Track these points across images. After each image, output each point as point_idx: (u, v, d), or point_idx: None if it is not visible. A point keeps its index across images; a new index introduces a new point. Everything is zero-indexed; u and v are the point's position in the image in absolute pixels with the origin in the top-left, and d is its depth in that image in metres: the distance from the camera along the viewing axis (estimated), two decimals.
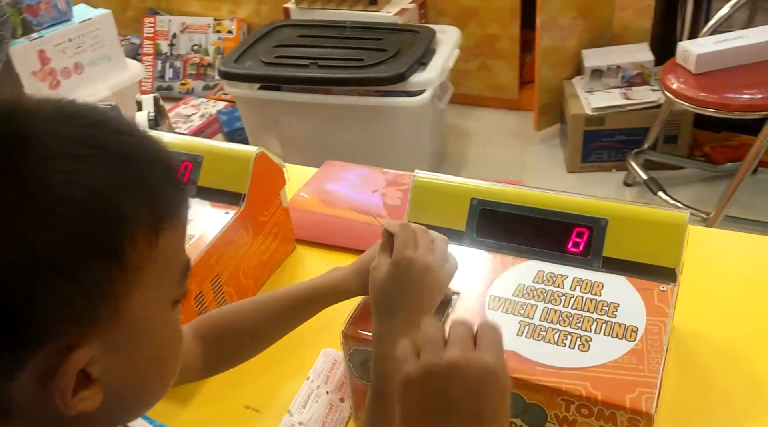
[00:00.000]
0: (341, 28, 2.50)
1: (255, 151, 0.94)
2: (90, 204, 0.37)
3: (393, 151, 2.36)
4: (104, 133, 0.40)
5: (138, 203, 0.40)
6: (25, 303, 0.36)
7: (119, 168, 0.39)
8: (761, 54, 2.05)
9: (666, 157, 2.47)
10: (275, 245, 1.03)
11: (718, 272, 0.95)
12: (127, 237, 0.39)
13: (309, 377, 0.87)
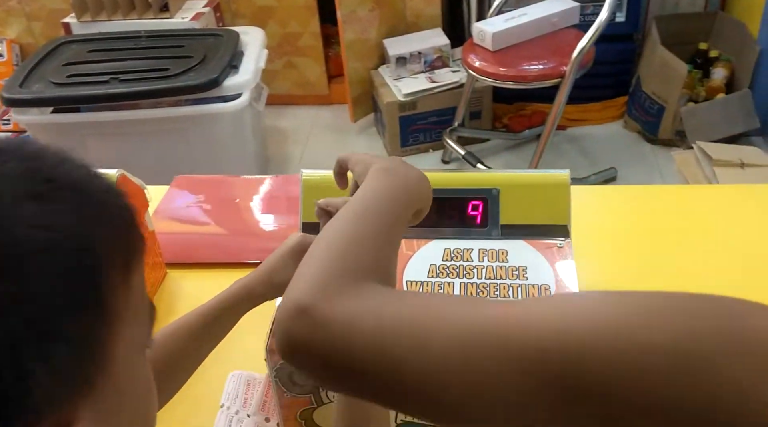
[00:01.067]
0: (136, 38, 2.34)
1: (115, 174, 0.85)
2: (65, 248, 0.31)
3: (216, 160, 2.27)
4: (48, 166, 0.34)
5: (109, 240, 0.34)
6: (15, 383, 0.29)
7: (80, 203, 0.33)
8: (544, 27, 2.27)
9: (474, 131, 2.65)
10: (146, 272, 0.94)
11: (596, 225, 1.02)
12: (105, 280, 0.33)
13: (223, 405, 0.81)
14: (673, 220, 1.03)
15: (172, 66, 2.16)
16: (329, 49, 2.90)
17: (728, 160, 1.58)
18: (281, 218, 1.11)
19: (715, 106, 2.42)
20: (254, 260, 1.02)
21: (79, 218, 0.33)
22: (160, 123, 2.17)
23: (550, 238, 0.79)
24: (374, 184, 0.55)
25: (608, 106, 2.76)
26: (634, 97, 2.65)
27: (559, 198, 0.79)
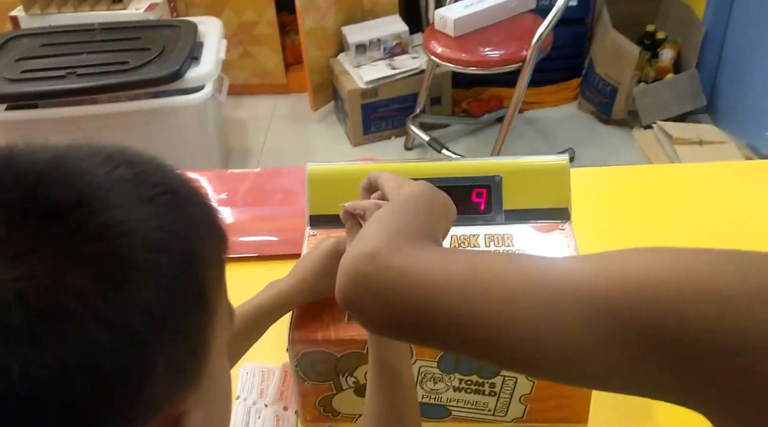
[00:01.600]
0: (90, 31, 2.28)
1: None
2: (178, 248, 0.33)
3: (178, 153, 2.22)
4: (151, 171, 0.35)
5: (207, 239, 0.36)
6: (141, 376, 0.31)
7: (182, 205, 0.35)
8: (503, 12, 2.31)
9: (435, 117, 2.69)
10: None
11: (597, 206, 1.05)
12: (208, 277, 0.35)
13: (239, 396, 0.82)
14: (659, 199, 1.08)
15: (130, 59, 2.11)
16: (286, 37, 2.88)
17: (687, 139, 1.66)
18: (271, 210, 1.12)
19: (665, 86, 2.52)
20: (251, 254, 1.03)
21: (185, 219, 0.35)
22: (121, 118, 2.13)
23: (552, 220, 0.82)
24: (408, 199, 0.59)
25: (562, 88, 2.84)
26: (587, 79, 2.73)
27: (559, 182, 0.82)
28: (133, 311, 0.30)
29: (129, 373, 0.30)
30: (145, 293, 0.31)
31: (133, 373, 0.30)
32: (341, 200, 0.84)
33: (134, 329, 0.30)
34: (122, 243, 0.30)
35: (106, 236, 0.30)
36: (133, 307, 0.30)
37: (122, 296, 0.30)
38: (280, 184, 1.17)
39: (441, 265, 0.43)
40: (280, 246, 1.02)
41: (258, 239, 1.05)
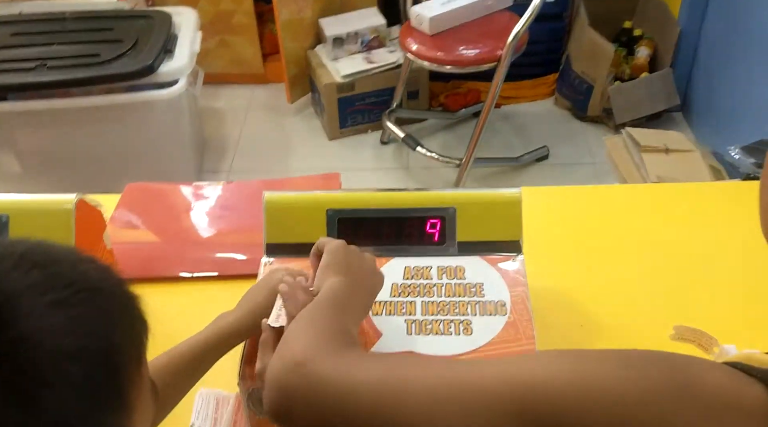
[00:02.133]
0: (61, 21, 2.24)
1: (74, 199, 0.84)
2: (92, 352, 0.34)
3: (152, 147, 2.23)
4: (65, 270, 0.36)
5: (127, 338, 0.37)
6: None
7: (100, 304, 0.36)
8: (479, 10, 2.31)
9: (412, 112, 2.69)
10: None
11: (547, 229, 1.07)
12: (125, 376, 0.36)
13: (193, 424, 0.84)
14: (615, 221, 1.10)
15: (102, 51, 2.09)
16: (263, 27, 2.85)
17: (654, 147, 1.68)
18: (235, 226, 1.12)
19: (639, 85, 2.54)
20: (212, 272, 1.03)
21: (101, 321, 0.36)
22: (93, 111, 2.11)
23: (504, 253, 0.84)
24: (334, 285, 0.66)
25: (539, 83, 2.84)
26: (563, 75, 2.74)
27: (511, 215, 0.84)
28: (40, 420, 0.31)
29: None
30: (58, 405, 0.31)
31: None
32: (299, 228, 0.86)
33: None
34: (31, 357, 0.31)
35: (16, 352, 0.31)
36: (47, 423, 0.31)
37: (33, 415, 0.30)
38: (246, 197, 1.17)
39: (364, 373, 0.46)
40: (242, 265, 1.03)
41: (223, 257, 1.06)
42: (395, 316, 0.78)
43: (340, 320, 0.60)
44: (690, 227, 1.09)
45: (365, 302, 0.70)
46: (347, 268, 0.69)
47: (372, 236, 0.84)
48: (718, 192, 1.26)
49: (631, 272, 1.01)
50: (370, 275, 0.71)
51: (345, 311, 0.63)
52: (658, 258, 1.03)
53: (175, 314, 0.97)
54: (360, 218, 0.84)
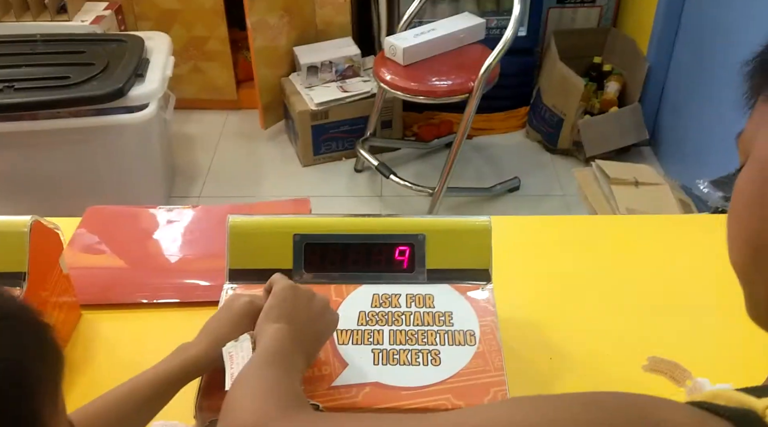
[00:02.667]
0: (32, 43, 2.21)
1: (29, 221, 0.81)
2: (2, 370, 0.33)
3: (121, 172, 2.19)
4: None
5: (39, 362, 0.36)
6: None
7: (12, 330, 0.34)
8: (452, 43, 2.33)
9: (385, 141, 2.69)
10: (62, 317, 0.91)
11: (516, 259, 1.05)
12: (41, 401, 0.36)
13: None
14: (585, 252, 1.09)
15: (72, 74, 2.06)
16: (237, 53, 2.85)
17: (624, 179, 1.70)
18: (200, 251, 1.10)
19: (609, 119, 2.58)
20: (173, 299, 1.00)
21: (14, 345, 0.35)
22: (60, 134, 2.07)
23: (473, 281, 0.83)
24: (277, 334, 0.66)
25: (511, 116, 2.87)
26: (534, 108, 2.77)
27: (481, 243, 0.83)
28: None
29: None
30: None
31: None
32: (264, 254, 0.84)
33: None
34: None
35: None
36: None
37: None
38: (210, 222, 1.15)
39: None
40: (204, 292, 1.00)
41: (184, 283, 1.03)
42: (362, 345, 0.76)
43: (285, 377, 0.59)
44: (661, 258, 1.09)
45: (310, 350, 0.69)
46: (292, 312, 0.68)
47: (340, 262, 0.82)
48: (688, 224, 1.26)
49: (602, 304, 1.00)
50: (317, 319, 0.70)
51: (288, 364, 0.62)
52: (629, 290, 1.02)
53: (133, 341, 0.94)
54: (328, 243, 0.82)
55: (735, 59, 0.49)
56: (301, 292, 0.70)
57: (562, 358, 0.92)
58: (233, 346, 0.67)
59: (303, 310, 0.69)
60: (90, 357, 0.90)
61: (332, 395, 0.70)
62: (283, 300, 0.68)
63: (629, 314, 0.98)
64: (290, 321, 0.66)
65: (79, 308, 0.96)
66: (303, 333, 0.67)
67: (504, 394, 0.71)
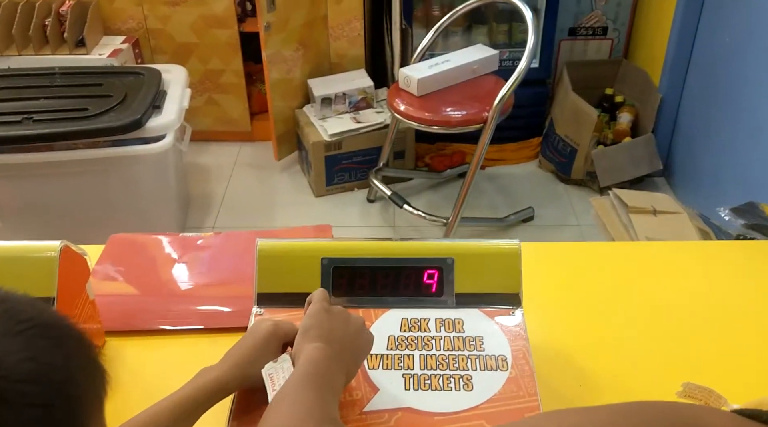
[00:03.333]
0: (50, 76, 2.25)
1: (59, 246, 0.81)
2: (49, 378, 0.34)
3: (137, 202, 2.20)
4: (21, 307, 0.36)
5: (85, 372, 0.37)
6: None
7: (55, 338, 0.36)
8: (466, 74, 2.35)
9: (398, 171, 2.70)
10: None
11: (543, 285, 1.03)
12: (86, 410, 0.36)
13: None
14: (614, 278, 1.08)
15: (90, 106, 2.08)
16: (252, 86, 2.88)
17: (642, 208, 1.69)
18: (223, 277, 1.09)
19: (622, 149, 2.58)
20: (196, 326, 0.99)
21: (58, 351, 0.35)
22: (77, 165, 2.08)
23: (503, 306, 0.82)
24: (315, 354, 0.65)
25: (523, 146, 2.88)
26: (547, 139, 2.78)
27: (510, 267, 0.82)
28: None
29: None
30: (18, 425, 0.31)
31: None
32: (292, 277, 0.83)
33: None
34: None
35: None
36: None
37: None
38: (232, 249, 1.14)
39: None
40: (228, 318, 0.99)
41: (207, 309, 1.02)
42: (392, 370, 0.75)
43: (321, 400, 0.58)
44: (688, 284, 1.07)
45: (349, 368, 0.68)
46: (329, 333, 0.67)
47: (368, 286, 0.82)
48: (713, 251, 1.25)
49: (631, 330, 0.99)
50: (355, 338, 0.69)
51: (326, 386, 0.61)
52: (658, 316, 1.01)
53: (157, 367, 0.93)
54: (356, 266, 0.82)
55: (748, 89, 0.49)
56: (337, 311, 0.70)
57: (592, 384, 0.90)
58: (272, 367, 0.66)
59: (340, 329, 0.68)
60: (115, 383, 0.88)
61: (364, 420, 0.69)
62: (321, 320, 0.68)
63: (659, 340, 0.96)
64: (328, 341, 0.66)
65: (103, 334, 0.96)
66: (341, 352, 0.66)
67: None
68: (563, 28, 2.81)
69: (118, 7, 2.61)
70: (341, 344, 0.67)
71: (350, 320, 0.70)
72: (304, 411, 0.56)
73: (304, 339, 0.67)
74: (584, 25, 2.84)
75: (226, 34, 2.68)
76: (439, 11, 2.68)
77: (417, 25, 2.69)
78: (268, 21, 2.44)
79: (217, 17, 2.64)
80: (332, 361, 0.64)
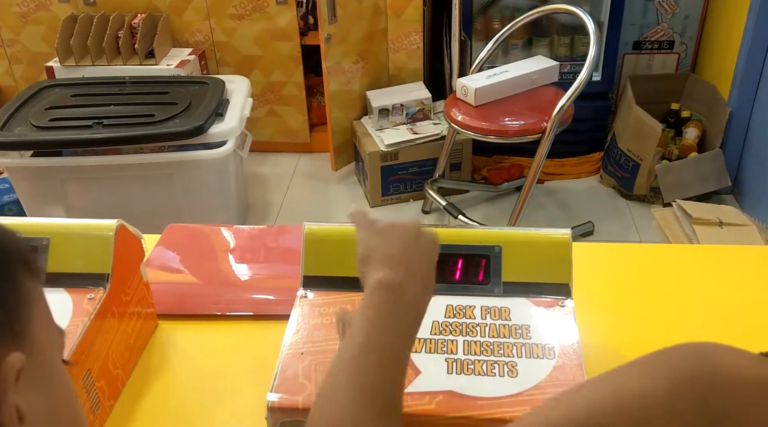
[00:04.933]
0: (121, 84, 2.34)
1: (115, 225, 0.84)
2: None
3: (198, 206, 2.26)
4: None
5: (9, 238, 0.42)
6: None
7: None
8: (525, 84, 2.33)
9: (454, 183, 2.68)
10: (139, 325, 0.92)
11: (599, 282, 1.01)
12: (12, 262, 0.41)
13: None
14: (668, 279, 1.04)
15: (157, 112, 2.16)
16: (312, 98, 2.93)
17: (707, 219, 1.62)
18: (275, 269, 1.10)
19: (688, 164, 2.50)
20: (246, 312, 1.01)
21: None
22: (143, 168, 2.16)
23: (552, 296, 0.80)
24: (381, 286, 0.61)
25: (584, 161, 2.82)
26: (609, 153, 2.72)
27: (560, 257, 0.80)
28: None
29: None
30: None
31: None
32: (338, 262, 0.83)
33: None
34: None
35: None
36: None
37: None
38: (284, 241, 1.16)
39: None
40: (277, 306, 1.00)
41: (254, 297, 1.03)
42: (435, 354, 0.73)
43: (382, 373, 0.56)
44: (751, 290, 1.02)
45: (425, 280, 0.62)
46: (387, 256, 0.62)
47: None
48: None
49: (687, 334, 0.94)
50: (417, 248, 0.63)
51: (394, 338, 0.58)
52: (717, 321, 0.96)
53: (207, 350, 0.95)
54: None
55: None
56: (387, 227, 0.66)
57: None
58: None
59: (398, 245, 0.63)
60: (166, 364, 0.91)
61: (406, 401, 0.68)
62: (371, 245, 0.64)
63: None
64: (391, 264, 0.61)
65: (155, 317, 0.98)
66: (409, 269, 0.61)
67: None
68: (627, 42, 2.76)
69: (186, 21, 2.71)
70: (407, 261, 0.62)
71: (405, 230, 0.65)
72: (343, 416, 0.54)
73: (363, 270, 0.63)
74: (650, 39, 2.78)
75: (289, 47, 2.74)
76: (499, 24, 2.68)
77: (476, 38, 2.69)
78: (329, 33, 2.48)
79: (281, 30, 2.71)
80: (405, 287, 0.60)
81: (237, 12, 2.68)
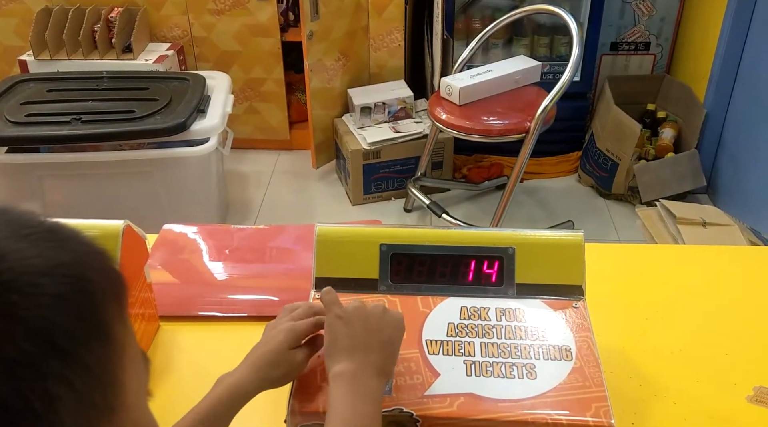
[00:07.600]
0: (98, 79, 2.29)
1: (122, 225, 0.82)
2: (60, 272, 0.34)
3: (179, 205, 2.22)
4: (24, 217, 0.37)
5: (98, 270, 0.37)
6: (42, 406, 0.31)
7: (63, 241, 0.36)
8: (508, 84, 2.34)
9: (436, 181, 2.69)
10: (143, 326, 0.90)
11: (613, 284, 1.02)
12: (103, 306, 0.36)
13: None
14: (677, 280, 1.05)
15: (137, 108, 2.12)
16: (292, 95, 2.91)
17: (691, 219, 1.66)
18: (272, 268, 1.09)
19: (665, 164, 2.54)
20: (246, 313, 0.99)
21: (67, 252, 0.36)
22: (123, 165, 2.12)
23: (566, 297, 0.80)
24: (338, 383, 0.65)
25: (562, 160, 2.85)
26: (587, 152, 2.75)
27: (573, 258, 0.81)
28: (21, 334, 0.31)
29: (30, 402, 0.30)
30: (31, 314, 0.31)
31: (34, 403, 0.30)
32: (350, 263, 0.82)
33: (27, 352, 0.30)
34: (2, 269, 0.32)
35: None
36: (21, 330, 0.31)
37: (9, 320, 0.31)
38: (281, 241, 1.15)
39: None
40: (277, 307, 0.99)
41: (255, 298, 1.02)
42: (453, 356, 0.73)
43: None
44: (760, 289, 1.04)
45: (384, 367, 0.67)
46: (349, 343, 0.66)
47: (426, 274, 0.81)
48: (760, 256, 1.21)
49: (695, 333, 0.95)
50: (379, 333, 0.68)
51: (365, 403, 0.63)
52: (724, 319, 0.98)
53: (210, 351, 0.93)
54: (414, 254, 0.81)
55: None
56: (352, 312, 0.68)
57: (652, 385, 0.87)
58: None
59: (359, 334, 0.67)
60: (170, 365, 0.89)
61: (427, 403, 0.68)
62: (336, 332, 0.67)
63: (725, 344, 0.93)
64: (350, 352, 0.66)
65: (158, 318, 0.96)
66: (366, 358, 0.66)
67: (606, 410, 0.67)
68: (605, 43, 2.79)
69: (164, 15, 2.66)
70: (365, 349, 0.66)
71: (368, 316, 0.68)
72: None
73: (328, 359, 0.67)
74: (626, 40, 2.82)
75: (269, 43, 2.71)
76: (480, 23, 2.69)
77: (457, 38, 2.69)
78: (311, 29, 2.46)
79: (261, 26, 2.68)
80: (359, 377, 0.64)
81: (216, 7, 2.64)
